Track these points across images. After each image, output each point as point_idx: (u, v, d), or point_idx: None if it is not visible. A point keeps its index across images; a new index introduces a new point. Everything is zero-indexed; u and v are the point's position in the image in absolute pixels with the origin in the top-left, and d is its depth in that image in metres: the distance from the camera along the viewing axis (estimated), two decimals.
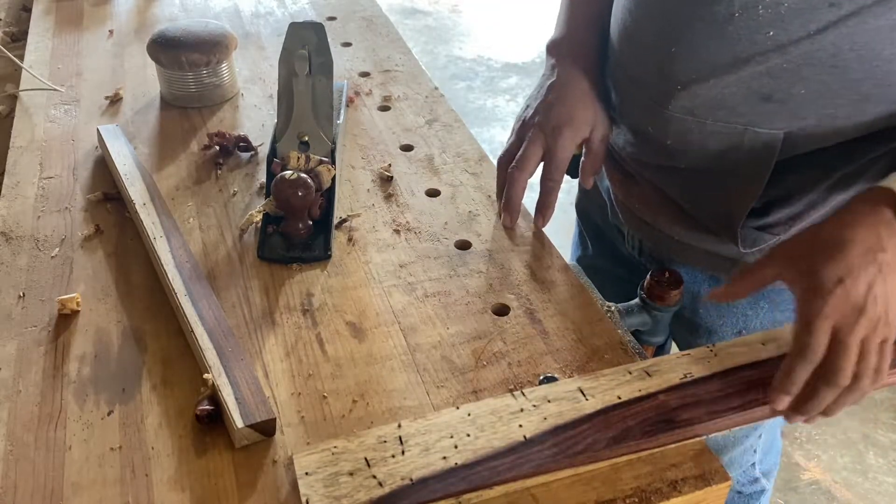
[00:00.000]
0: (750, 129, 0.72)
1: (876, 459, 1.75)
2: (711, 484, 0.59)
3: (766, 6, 0.66)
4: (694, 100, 0.73)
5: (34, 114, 1.06)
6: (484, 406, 0.62)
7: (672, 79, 0.74)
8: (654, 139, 0.79)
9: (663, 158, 0.80)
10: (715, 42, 0.70)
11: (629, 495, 0.58)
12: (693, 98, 0.73)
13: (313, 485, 0.56)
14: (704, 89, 0.72)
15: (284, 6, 1.36)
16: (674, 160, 0.79)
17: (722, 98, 0.72)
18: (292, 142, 0.87)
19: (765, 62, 0.68)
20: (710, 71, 0.71)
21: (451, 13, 3.86)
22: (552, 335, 0.73)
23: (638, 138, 0.83)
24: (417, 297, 0.77)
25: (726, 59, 0.70)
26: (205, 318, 0.71)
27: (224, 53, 1.06)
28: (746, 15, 0.67)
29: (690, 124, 0.75)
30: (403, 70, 1.17)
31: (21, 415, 0.65)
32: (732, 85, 0.71)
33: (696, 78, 0.72)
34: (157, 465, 0.61)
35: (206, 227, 0.86)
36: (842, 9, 0.64)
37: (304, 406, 0.66)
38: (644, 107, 0.79)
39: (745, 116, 0.72)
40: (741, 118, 0.72)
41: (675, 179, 0.81)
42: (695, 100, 0.73)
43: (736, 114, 0.72)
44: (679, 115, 0.75)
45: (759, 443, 1.04)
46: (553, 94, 0.84)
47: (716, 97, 0.72)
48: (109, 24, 1.29)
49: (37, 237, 0.84)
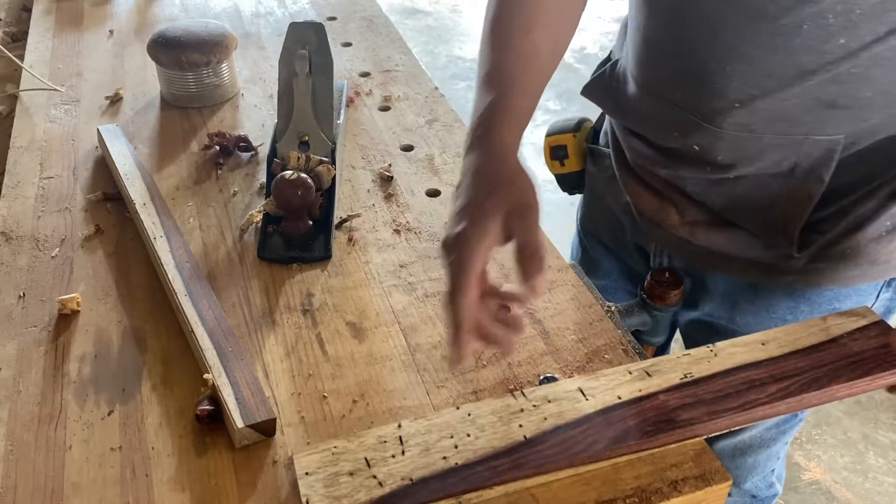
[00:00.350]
0: (810, 138, 0.71)
1: (876, 459, 1.75)
2: (712, 484, 0.59)
3: (836, 14, 0.63)
4: (752, 115, 0.71)
5: (34, 114, 1.06)
6: (484, 406, 0.62)
7: (727, 97, 0.71)
8: (700, 156, 0.77)
9: (707, 172, 0.78)
10: (779, 56, 0.67)
11: (629, 495, 0.58)
12: (751, 114, 0.71)
13: (313, 485, 0.56)
14: (765, 104, 0.70)
15: (284, 6, 1.36)
16: (721, 172, 0.77)
17: (783, 110, 0.70)
18: (292, 142, 0.87)
19: (833, 70, 0.66)
20: (773, 85, 0.69)
21: (451, 13, 3.86)
22: (552, 335, 0.73)
23: (676, 156, 0.80)
24: (417, 297, 0.77)
25: (791, 72, 0.68)
26: (205, 318, 0.71)
27: (224, 53, 1.06)
28: (815, 25, 0.65)
29: (746, 140, 0.73)
30: (403, 70, 1.17)
31: (21, 415, 0.65)
32: (795, 96, 0.69)
33: (756, 94, 0.70)
34: (157, 465, 0.61)
35: (207, 227, 0.86)
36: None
37: (304, 406, 0.66)
38: (689, 127, 0.76)
39: (807, 125, 0.70)
40: (802, 127, 0.70)
41: (719, 189, 0.79)
42: (753, 115, 0.71)
43: (797, 124, 0.70)
44: (734, 131, 0.73)
45: (784, 449, 1.02)
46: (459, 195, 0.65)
47: (777, 110, 0.70)
48: (109, 24, 1.29)
49: (37, 237, 0.84)
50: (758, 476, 1.04)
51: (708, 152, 0.76)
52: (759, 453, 1.00)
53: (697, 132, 0.76)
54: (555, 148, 0.98)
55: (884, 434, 1.80)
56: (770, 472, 1.05)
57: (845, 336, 0.68)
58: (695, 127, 0.75)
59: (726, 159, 0.76)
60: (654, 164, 0.83)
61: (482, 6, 0.75)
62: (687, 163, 0.79)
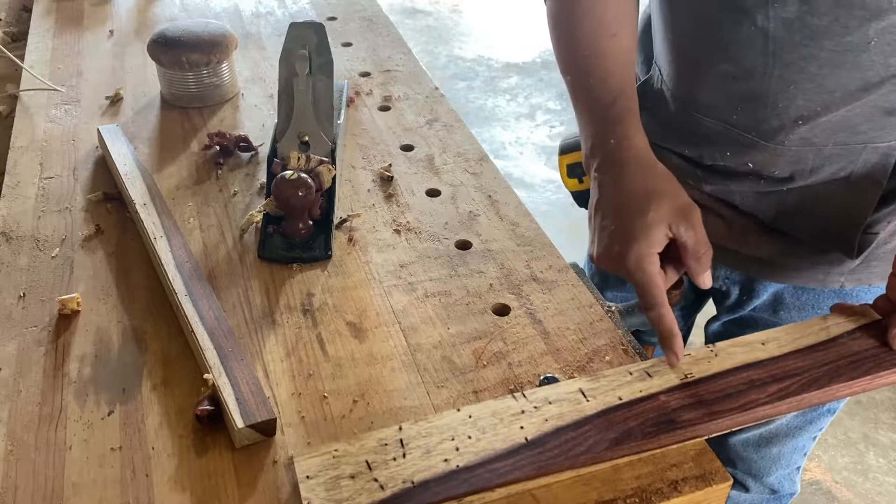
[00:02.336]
0: (869, 146, 0.71)
1: (876, 459, 1.75)
2: (712, 484, 0.59)
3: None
4: (814, 130, 0.71)
5: (34, 114, 1.06)
6: (485, 408, 0.62)
7: (789, 115, 0.71)
8: (754, 172, 0.77)
9: (762, 186, 0.78)
10: (844, 72, 0.68)
11: (630, 495, 0.58)
12: (813, 129, 0.71)
13: (314, 488, 0.56)
14: (828, 118, 0.70)
15: (284, 6, 1.36)
16: (778, 186, 0.77)
17: (846, 121, 0.70)
18: (293, 142, 0.87)
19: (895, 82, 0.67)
20: (837, 100, 0.69)
21: (451, 13, 3.86)
22: (552, 335, 0.73)
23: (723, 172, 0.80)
24: (418, 297, 0.77)
25: (856, 86, 0.68)
26: (205, 318, 0.71)
27: (224, 53, 1.06)
28: (883, 40, 0.65)
29: (805, 153, 0.73)
30: (404, 70, 1.17)
31: (21, 415, 0.65)
32: (858, 107, 0.69)
33: (819, 110, 0.70)
34: (157, 465, 0.61)
35: (207, 227, 0.86)
36: None
37: (304, 406, 0.66)
38: (743, 146, 0.75)
39: (866, 134, 0.71)
40: (861, 136, 0.71)
41: (769, 201, 0.78)
42: (815, 130, 0.71)
43: (857, 133, 0.71)
44: (795, 147, 0.73)
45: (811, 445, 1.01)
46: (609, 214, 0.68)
47: (839, 122, 0.70)
48: (109, 24, 1.29)
49: (37, 237, 0.84)
50: (782, 470, 1.03)
51: (764, 168, 0.76)
52: (786, 444, 0.99)
53: (754, 150, 0.75)
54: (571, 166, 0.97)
55: (884, 434, 1.80)
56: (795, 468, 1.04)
57: (845, 335, 0.68)
58: (751, 146, 0.75)
59: (784, 173, 0.76)
60: (696, 180, 0.83)
61: (482, 6, 0.76)
62: (737, 178, 0.79)
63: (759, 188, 0.79)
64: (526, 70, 3.33)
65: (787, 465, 1.03)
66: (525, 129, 2.96)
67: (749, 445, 0.99)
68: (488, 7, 3.89)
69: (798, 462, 1.04)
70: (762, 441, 0.99)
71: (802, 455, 1.03)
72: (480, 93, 3.20)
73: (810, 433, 0.98)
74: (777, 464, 1.02)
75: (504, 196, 0.90)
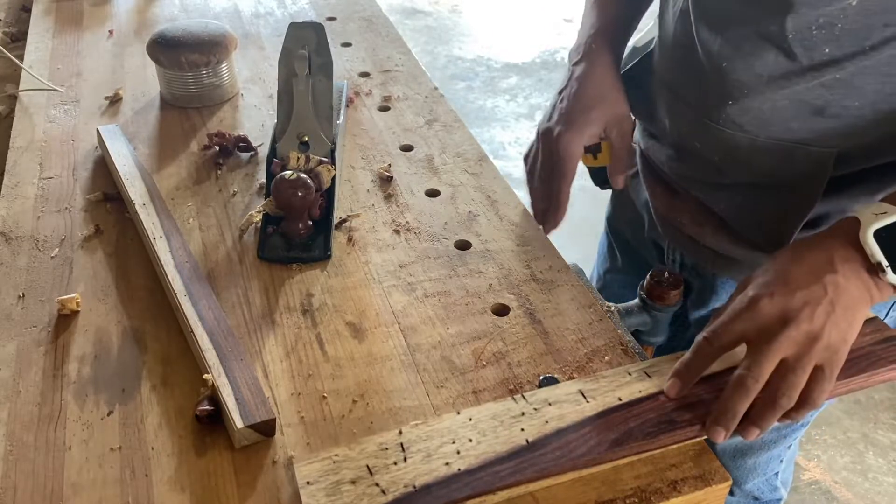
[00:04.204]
0: (802, 147, 0.71)
1: (876, 459, 1.75)
2: (711, 484, 0.59)
3: (819, 27, 0.65)
4: (745, 114, 0.73)
5: (34, 114, 1.06)
6: (485, 410, 0.62)
7: (722, 94, 0.73)
8: (702, 155, 0.79)
9: (710, 174, 0.80)
10: (770, 58, 0.69)
11: (629, 495, 0.58)
12: (744, 113, 0.73)
13: (315, 494, 0.55)
14: (756, 103, 0.71)
15: (284, 6, 1.36)
16: (721, 176, 0.79)
17: (773, 112, 0.71)
18: (292, 142, 0.87)
19: (819, 76, 0.67)
20: (764, 84, 0.70)
21: (451, 13, 3.86)
22: (552, 335, 0.73)
23: (683, 154, 0.82)
24: (417, 297, 0.77)
25: (780, 73, 0.69)
26: (205, 318, 0.71)
27: (224, 54, 1.06)
28: (801, 35, 0.66)
29: (740, 140, 0.74)
30: (403, 70, 1.17)
31: (21, 415, 0.65)
32: (784, 98, 0.70)
33: (747, 92, 0.71)
34: (156, 465, 0.61)
35: (206, 227, 0.86)
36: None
37: (303, 406, 0.66)
38: (692, 122, 0.78)
39: (797, 133, 0.71)
40: (793, 134, 0.71)
41: (723, 196, 0.80)
42: (745, 114, 0.73)
43: (787, 129, 0.71)
44: (729, 130, 0.74)
45: (787, 453, 1.02)
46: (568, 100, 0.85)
47: (767, 111, 0.71)
48: (109, 25, 1.29)
49: (37, 237, 0.84)
50: (759, 478, 1.04)
51: (708, 151, 0.78)
52: (760, 455, 1.00)
53: (698, 128, 0.77)
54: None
55: (883, 434, 1.80)
56: (773, 474, 1.05)
57: None
58: (695, 123, 0.77)
59: (723, 160, 0.77)
60: (666, 161, 0.85)
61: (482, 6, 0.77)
62: (693, 162, 0.81)
63: (709, 176, 0.80)
64: (525, 70, 3.33)
65: (763, 473, 1.04)
66: (525, 130, 2.96)
67: (725, 457, 1.00)
68: (488, 7, 3.89)
69: (776, 469, 1.04)
70: (737, 453, 0.99)
71: (779, 462, 1.03)
72: (480, 93, 3.20)
73: (785, 444, 0.99)
74: (753, 474, 1.03)
75: (503, 196, 0.90)
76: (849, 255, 0.61)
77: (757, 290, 0.60)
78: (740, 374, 0.59)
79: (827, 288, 0.59)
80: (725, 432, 0.59)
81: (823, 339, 0.58)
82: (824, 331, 0.58)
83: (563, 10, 3.81)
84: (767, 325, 0.59)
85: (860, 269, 0.60)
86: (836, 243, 0.61)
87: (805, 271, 0.60)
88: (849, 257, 0.60)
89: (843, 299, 0.59)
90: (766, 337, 0.59)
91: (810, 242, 0.63)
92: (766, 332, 0.59)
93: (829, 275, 0.60)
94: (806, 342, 0.58)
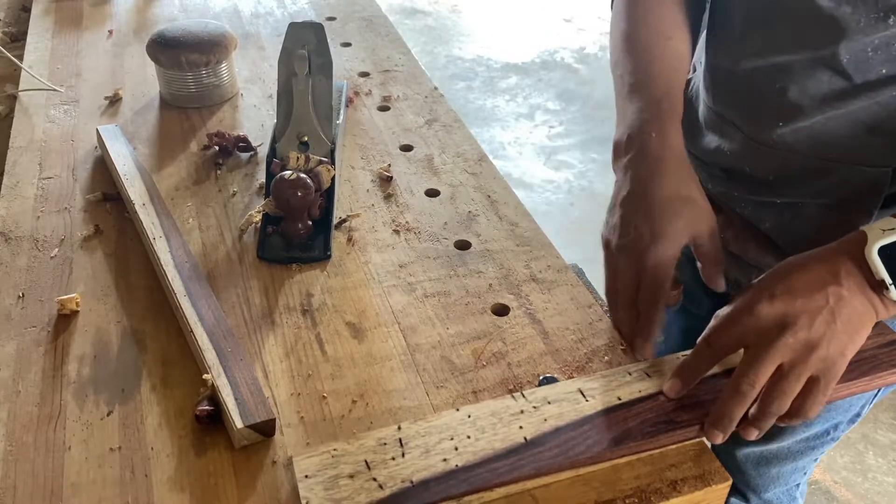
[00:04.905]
0: (856, 168, 0.71)
1: (875, 459, 1.75)
2: (711, 484, 0.59)
3: (875, 48, 0.65)
4: (797, 135, 0.72)
5: (34, 114, 1.06)
6: (484, 408, 0.62)
7: (774, 116, 0.73)
8: (751, 175, 0.78)
9: (760, 193, 0.79)
10: (824, 80, 0.69)
11: (629, 495, 0.58)
12: (796, 133, 0.72)
13: (313, 487, 0.56)
14: (809, 123, 0.71)
15: (284, 6, 1.36)
16: (772, 195, 0.78)
17: (827, 131, 0.71)
18: (292, 142, 0.87)
19: (875, 96, 0.67)
20: (817, 105, 0.70)
21: (450, 13, 3.86)
22: (552, 335, 0.73)
23: (731, 174, 0.81)
24: (417, 297, 0.77)
25: (834, 93, 0.69)
26: (204, 318, 0.71)
27: (223, 53, 1.06)
28: (855, 58, 0.66)
29: (792, 160, 0.74)
30: (403, 70, 1.17)
31: (20, 415, 0.65)
32: (839, 118, 0.70)
33: (799, 114, 0.71)
34: (156, 465, 0.61)
35: (206, 227, 0.86)
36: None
37: (303, 406, 0.66)
38: (741, 144, 0.77)
39: (851, 152, 0.71)
40: (846, 154, 0.71)
41: (770, 212, 0.79)
42: (798, 135, 0.72)
43: (841, 148, 0.71)
44: (781, 151, 0.74)
45: (812, 466, 1.01)
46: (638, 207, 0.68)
47: (820, 131, 0.71)
48: (109, 25, 1.29)
49: (36, 237, 0.84)
50: (780, 488, 1.03)
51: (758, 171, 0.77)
52: (785, 465, 0.98)
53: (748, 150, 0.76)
54: None
55: (883, 434, 1.80)
56: (794, 486, 1.04)
57: None
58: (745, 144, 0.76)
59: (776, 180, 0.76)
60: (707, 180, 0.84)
61: (482, 6, 0.76)
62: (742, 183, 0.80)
63: (757, 196, 0.79)
64: (525, 70, 3.33)
65: (785, 483, 1.02)
66: (524, 130, 2.96)
67: (749, 461, 0.99)
68: (488, 7, 3.89)
69: (798, 480, 1.03)
70: (762, 460, 0.98)
71: (803, 474, 1.02)
72: (480, 93, 3.20)
73: (811, 456, 0.98)
74: (775, 482, 1.02)
75: (503, 196, 0.90)
76: (854, 270, 0.60)
77: (758, 295, 0.60)
78: (736, 380, 0.59)
79: (829, 298, 0.59)
80: (723, 435, 0.60)
81: (821, 350, 0.58)
82: (822, 340, 0.58)
83: (563, 10, 3.82)
84: (766, 329, 0.59)
85: (864, 285, 0.60)
86: (842, 257, 0.61)
87: (809, 280, 0.60)
88: (854, 272, 0.60)
89: (845, 312, 0.59)
90: (764, 342, 0.58)
91: (818, 254, 0.63)
92: (764, 337, 0.59)
93: (833, 286, 0.59)
94: (803, 350, 0.58)
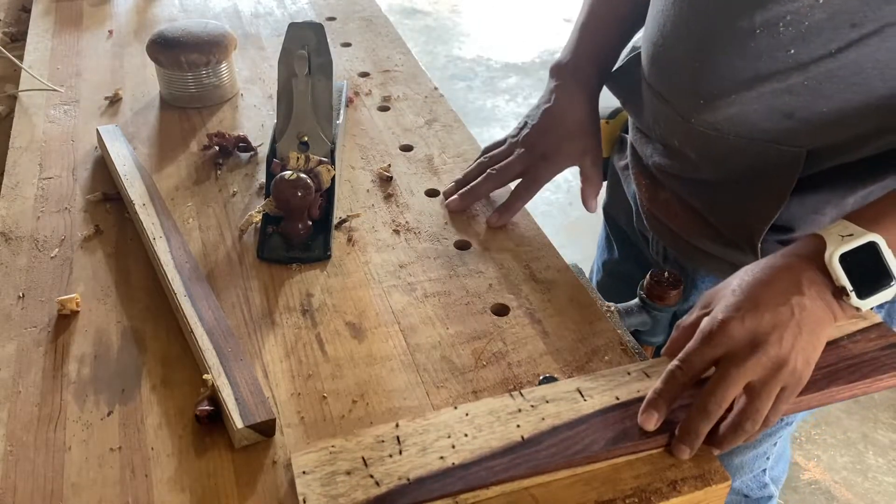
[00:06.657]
0: (773, 146, 0.72)
1: (875, 459, 1.75)
2: (711, 484, 0.59)
3: (786, 24, 0.66)
4: (716, 114, 0.73)
5: (34, 114, 1.06)
6: (482, 406, 0.62)
7: (696, 94, 0.74)
8: (681, 152, 0.80)
9: (689, 170, 0.81)
10: (737, 59, 0.70)
11: (629, 495, 0.58)
12: (715, 113, 0.73)
13: (310, 483, 0.56)
14: (726, 104, 0.72)
15: (284, 6, 1.36)
16: (699, 173, 0.80)
17: (744, 114, 0.72)
18: (292, 142, 0.87)
19: (785, 80, 0.68)
20: (732, 87, 0.71)
21: (450, 13, 3.86)
22: (552, 335, 0.73)
23: (666, 150, 0.83)
24: (417, 297, 0.77)
25: (747, 76, 0.70)
26: (204, 318, 0.71)
27: (223, 54, 1.06)
28: (767, 32, 0.67)
29: (714, 138, 0.75)
30: (403, 70, 1.17)
31: (21, 415, 0.65)
32: (754, 101, 0.71)
33: (717, 94, 0.72)
34: (156, 465, 0.61)
35: (206, 227, 0.86)
36: (864, 28, 0.63)
37: (303, 406, 0.66)
38: (671, 121, 0.79)
39: (768, 133, 0.72)
40: (764, 134, 0.72)
41: (700, 191, 0.81)
42: (717, 114, 0.73)
43: (758, 130, 0.72)
44: (702, 129, 0.75)
45: (773, 450, 1.03)
46: (548, 119, 0.90)
47: (737, 113, 0.72)
48: (109, 25, 1.29)
49: (36, 237, 0.84)
50: (747, 475, 1.04)
51: (685, 148, 0.79)
52: (745, 454, 1.00)
53: (676, 126, 0.78)
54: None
55: (883, 434, 1.80)
56: (760, 471, 1.05)
57: (845, 338, 0.68)
58: (673, 121, 0.79)
59: (699, 157, 0.78)
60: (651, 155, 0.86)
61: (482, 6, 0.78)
62: (674, 158, 0.82)
63: (687, 172, 0.81)
64: (525, 70, 3.33)
65: (750, 470, 1.04)
66: None
67: None
68: (488, 7, 3.89)
69: (762, 466, 1.05)
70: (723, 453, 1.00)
71: (765, 459, 1.03)
72: (480, 93, 3.20)
73: (770, 442, 0.99)
74: (740, 471, 1.03)
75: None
76: (815, 278, 0.61)
77: (727, 313, 0.60)
78: (705, 398, 0.59)
79: (794, 310, 0.59)
80: (690, 451, 0.60)
81: (790, 365, 0.59)
82: (791, 356, 0.59)
83: (562, 10, 3.82)
84: (737, 348, 0.59)
85: (825, 292, 0.61)
86: (803, 264, 0.62)
87: (774, 293, 0.60)
88: (815, 279, 0.61)
89: (809, 322, 0.60)
90: (735, 360, 0.59)
91: (779, 262, 0.63)
92: (734, 356, 0.59)
93: (796, 297, 0.60)
94: (773, 367, 0.58)
